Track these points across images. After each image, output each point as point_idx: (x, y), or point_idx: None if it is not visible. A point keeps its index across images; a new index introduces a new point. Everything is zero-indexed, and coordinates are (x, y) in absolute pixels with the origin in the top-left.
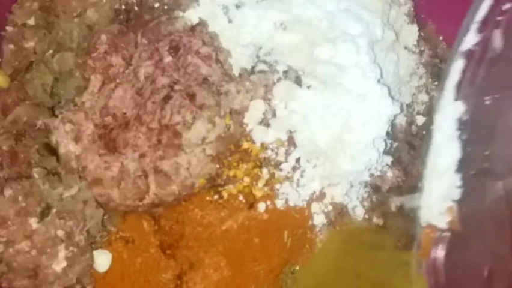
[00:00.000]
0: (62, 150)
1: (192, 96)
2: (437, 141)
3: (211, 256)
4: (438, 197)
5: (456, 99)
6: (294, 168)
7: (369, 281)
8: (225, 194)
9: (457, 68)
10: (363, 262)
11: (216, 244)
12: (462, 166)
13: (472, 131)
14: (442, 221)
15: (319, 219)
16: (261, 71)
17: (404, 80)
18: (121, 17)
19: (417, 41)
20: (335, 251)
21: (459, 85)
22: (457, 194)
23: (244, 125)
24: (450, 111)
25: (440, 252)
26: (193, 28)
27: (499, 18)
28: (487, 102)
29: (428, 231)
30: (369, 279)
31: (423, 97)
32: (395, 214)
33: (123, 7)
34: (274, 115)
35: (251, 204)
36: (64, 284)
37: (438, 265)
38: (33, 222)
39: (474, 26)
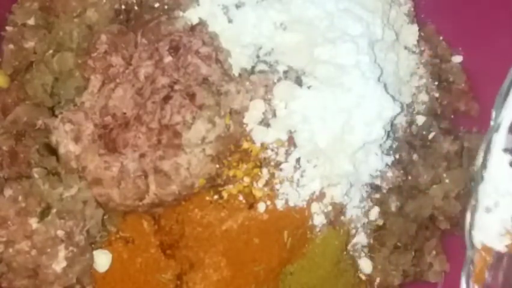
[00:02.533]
0: (62, 150)
1: (192, 96)
2: (493, 160)
3: (211, 256)
4: (497, 218)
5: None
6: (294, 168)
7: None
8: (225, 194)
9: None
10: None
11: (216, 244)
12: None
13: None
14: (500, 243)
15: (319, 220)
16: (261, 71)
17: (404, 80)
18: (121, 17)
19: (417, 41)
20: (334, 251)
21: None
22: None
23: (244, 125)
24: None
25: (496, 279)
26: (193, 28)
27: None
28: None
29: (484, 254)
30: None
31: (423, 97)
32: (395, 214)
33: (123, 7)
34: (274, 115)
35: (251, 205)
36: (64, 284)
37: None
38: (33, 222)
39: None
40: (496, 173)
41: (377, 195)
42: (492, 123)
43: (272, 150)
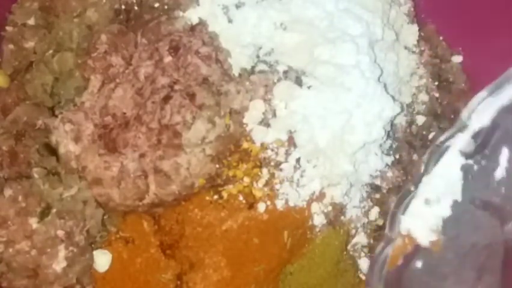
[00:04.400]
0: (62, 150)
1: (191, 96)
2: (448, 157)
3: (211, 256)
4: (434, 213)
5: (470, 117)
6: (294, 168)
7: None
8: (224, 194)
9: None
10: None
11: (216, 244)
12: (466, 190)
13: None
14: (426, 237)
15: (319, 220)
16: (261, 71)
17: (404, 80)
18: (121, 17)
19: (417, 41)
20: (334, 251)
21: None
22: (451, 216)
23: (244, 125)
24: (463, 136)
25: (410, 269)
26: (193, 28)
27: None
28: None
29: (406, 241)
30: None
31: (423, 97)
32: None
33: (123, 7)
34: (274, 115)
35: (251, 205)
36: (63, 284)
37: (403, 280)
38: (33, 222)
39: None
40: (445, 171)
41: (377, 195)
42: (459, 121)
43: (272, 150)
